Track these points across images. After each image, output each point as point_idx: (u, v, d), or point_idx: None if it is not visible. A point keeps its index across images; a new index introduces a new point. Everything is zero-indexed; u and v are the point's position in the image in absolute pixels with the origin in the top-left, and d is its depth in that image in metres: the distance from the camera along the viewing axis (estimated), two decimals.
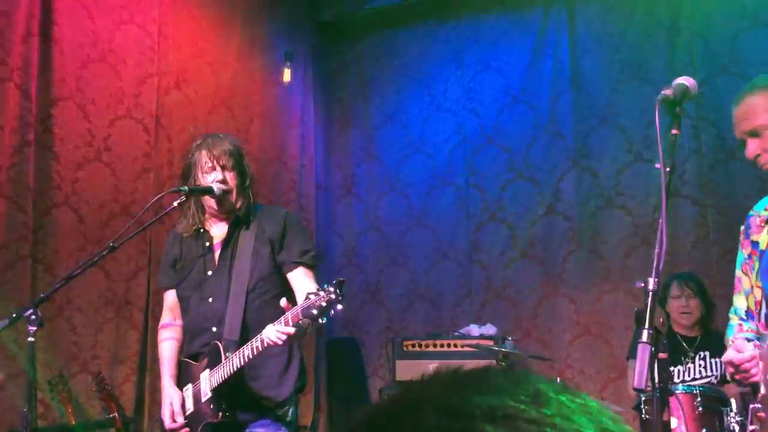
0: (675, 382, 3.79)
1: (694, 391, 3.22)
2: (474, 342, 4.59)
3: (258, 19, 5.36)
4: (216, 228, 2.95)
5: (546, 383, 0.53)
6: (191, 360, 2.92)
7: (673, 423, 3.10)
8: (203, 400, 2.76)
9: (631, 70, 4.97)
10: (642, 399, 3.33)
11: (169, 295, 3.07)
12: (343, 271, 5.81)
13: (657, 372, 1.81)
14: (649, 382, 1.78)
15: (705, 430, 3.11)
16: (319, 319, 2.39)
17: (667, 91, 2.07)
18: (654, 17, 4.93)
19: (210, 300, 2.87)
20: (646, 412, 3.30)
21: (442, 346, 4.74)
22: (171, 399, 2.85)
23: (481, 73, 5.48)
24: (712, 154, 4.71)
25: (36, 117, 3.94)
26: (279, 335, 2.48)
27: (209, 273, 2.90)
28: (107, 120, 4.29)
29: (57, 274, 3.86)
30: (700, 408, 3.16)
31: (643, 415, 3.32)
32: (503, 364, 4.11)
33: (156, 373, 4.37)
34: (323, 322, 2.41)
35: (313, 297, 2.38)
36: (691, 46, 4.79)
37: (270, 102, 5.39)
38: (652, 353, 1.76)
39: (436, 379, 0.54)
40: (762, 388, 2.13)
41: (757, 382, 2.15)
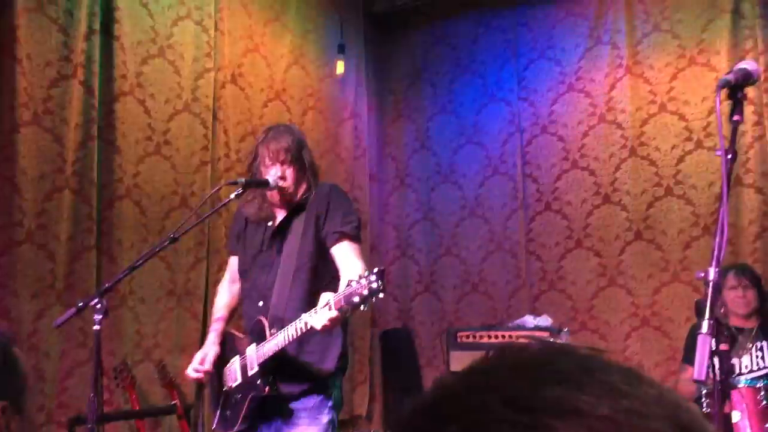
0: (737, 374, 3.70)
1: (757, 385, 3.14)
2: (529, 333, 4.56)
3: (311, 13, 5.40)
4: (278, 214, 3.03)
5: (620, 372, 0.49)
6: (237, 332, 3.01)
7: (735, 416, 3.03)
8: (250, 373, 2.82)
9: (691, 55, 4.84)
10: (703, 392, 3.26)
11: (232, 260, 3.18)
12: (397, 262, 5.84)
13: (718, 364, 1.77)
14: (710, 373, 1.74)
15: None
16: (361, 307, 2.39)
17: (729, 76, 2.00)
18: (715, 0, 4.79)
19: (261, 276, 2.95)
20: (707, 405, 3.23)
21: (496, 337, 4.72)
22: (206, 351, 2.98)
23: (536, 62, 5.40)
24: None
25: (99, 112, 4.07)
26: (322, 321, 2.49)
27: (262, 251, 2.98)
28: (166, 114, 4.40)
29: (120, 264, 3.98)
30: (764, 402, 3.07)
31: (704, 408, 3.25)
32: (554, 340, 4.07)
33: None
34: (364, 309, 2.42)
35: (355, 285, 2.39)
36: (755, 29, 4.63)
37: (324, 94, 5.44)
38: (711, 345, 1.72)
39: (502, 362, 0.51)
40: None
41: None
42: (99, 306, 2.58)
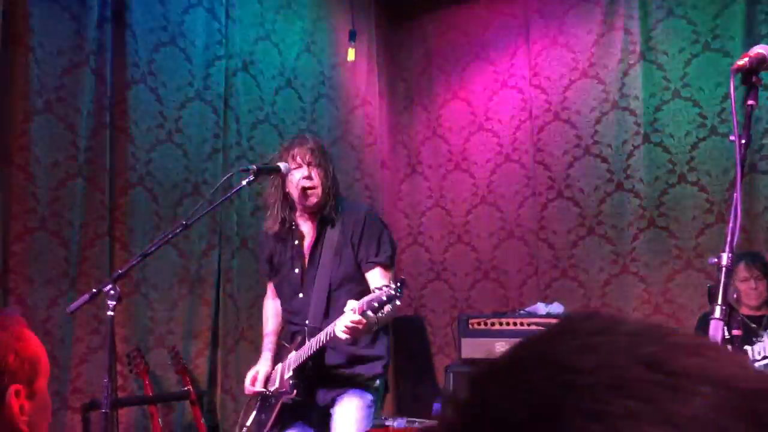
0: (751, 361, 3.69)
1: None
2: (541, 320, 4.55)
3: (322, 0, 5.39)
4: (305, 225, 3.10)
5: (665, 344, 0.46)
6: (286, 344, 3.18)
7: None
8: (285, 377, 2.98)
9: (706, 41, 4.79)
10: None
11: (271, 285, 3.34)
12: (408, 250, 5.84)
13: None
14: None
15: None
16: (380, 313, 2.57)
17: (743, 60, 1.98)
18: None
19: (300, 295, 3.08)
20: None
21: (507, 324, 4.71)
22: (258, 369, 3.15)
23: (548, 48, 5.36)
24: None
25: (111, 100, 4.08)
26: (344, 324, 2.65)
27: (296, 270, 3.09)
28: (178, 102, 4.41)
29: (133, 252, 4.00)
30: None
31: None
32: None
33: (227, 348, 4.51)
34: (382, 315, 2.61)
35: (378, 292, 2.57)
36: None
37: (335, 82, 5.43)
38: (724, 331, 1.71)
39: (614, 328, 0.48)
40: None
41: None
42: (112, 292, 2.60)
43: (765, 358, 3.81)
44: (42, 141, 3.81)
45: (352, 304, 2.64)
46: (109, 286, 2.61)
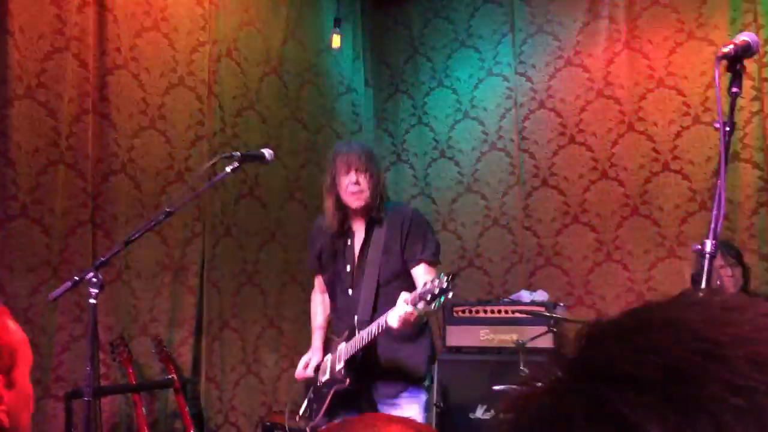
0: None
1: None
2: (525, 308, 4.57)
3: None
4: (356, 226, 3.25)
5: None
6: (334, 337, 3.29)
7: None
8: (337, 368, 3.09)
9: (690, 29, 4.80)
10: None
11: (318, 279, 3.48)
12: None
13: None
14: None
15: None
16: (431, 305, 2.64)
17: (728, 47, 1.99)
18: None
19: (349, 292, 3.22)
20: None
21: (492, 312, 4.72)
22: (310, 356, 3.33)
23: (533, 36, 5.36)
24: None
25: (93, 86, 4.03)
26: (397, 315, 2.73)
27: (347, 268, 3.24)
28: (161, 88, 4.36)
29: (116, 239, 3.97)
30: None
31: None
32: (554, 330, 4.09)
33: (211, 336, 4.50)
34: (434, 308, 2.69)
35: (429, 285, 2.64)
36: (754, 3, 4.59)
37: (320, 69, 5.39)
38: None
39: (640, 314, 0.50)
40: None
41: None
42: (95, 280, 2.58)
43: None
44: (23, 127, 3.76)
45: (405, 295, 2.73)
46: (92, 273, 2.59)
